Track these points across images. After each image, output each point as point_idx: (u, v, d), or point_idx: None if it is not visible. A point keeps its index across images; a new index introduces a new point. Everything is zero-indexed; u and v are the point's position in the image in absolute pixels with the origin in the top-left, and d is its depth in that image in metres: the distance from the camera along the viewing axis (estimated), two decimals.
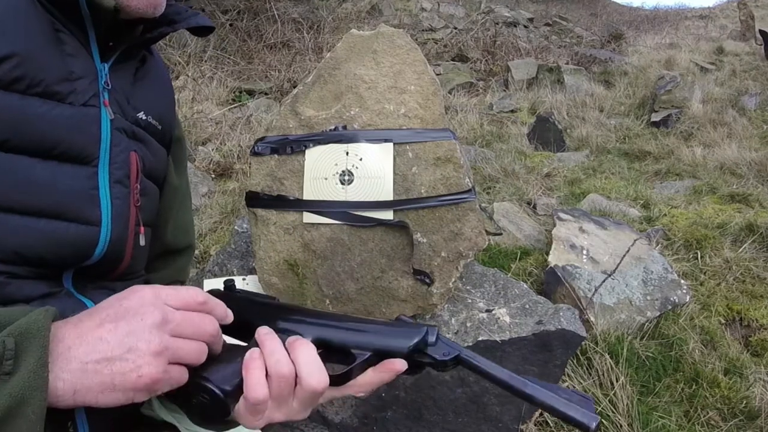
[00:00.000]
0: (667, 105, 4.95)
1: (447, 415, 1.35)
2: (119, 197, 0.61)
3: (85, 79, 0.59)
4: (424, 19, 8.74)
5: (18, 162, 0.52)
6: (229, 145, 3.67)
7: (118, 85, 0.63)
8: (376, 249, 1.23)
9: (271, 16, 6.34)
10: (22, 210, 0.53)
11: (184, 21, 0.67)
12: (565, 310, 1.39)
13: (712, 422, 1.66)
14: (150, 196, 0.69)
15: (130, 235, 0.63)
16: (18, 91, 0.52)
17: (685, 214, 2.94)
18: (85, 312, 0.46)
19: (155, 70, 0.73)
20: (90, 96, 0.59)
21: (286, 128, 1.25)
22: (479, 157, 3.87)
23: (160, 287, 0.47)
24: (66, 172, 0.56)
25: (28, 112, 0.53)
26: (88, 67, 0.59)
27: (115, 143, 0.61)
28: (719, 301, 2.21)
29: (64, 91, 0.56)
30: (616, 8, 14.61)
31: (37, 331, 0.39)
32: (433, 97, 1.23)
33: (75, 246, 0.57)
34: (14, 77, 0.52)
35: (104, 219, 0.59)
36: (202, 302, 0.49)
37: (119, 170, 0.61)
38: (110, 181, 0.60)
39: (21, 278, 0.53)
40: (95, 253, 0.58)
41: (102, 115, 0.60)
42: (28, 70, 0.53)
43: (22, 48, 0.53)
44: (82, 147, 0.57)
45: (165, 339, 0.44)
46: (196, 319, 0.48)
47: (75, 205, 0.56)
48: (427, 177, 1.20)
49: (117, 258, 0.62)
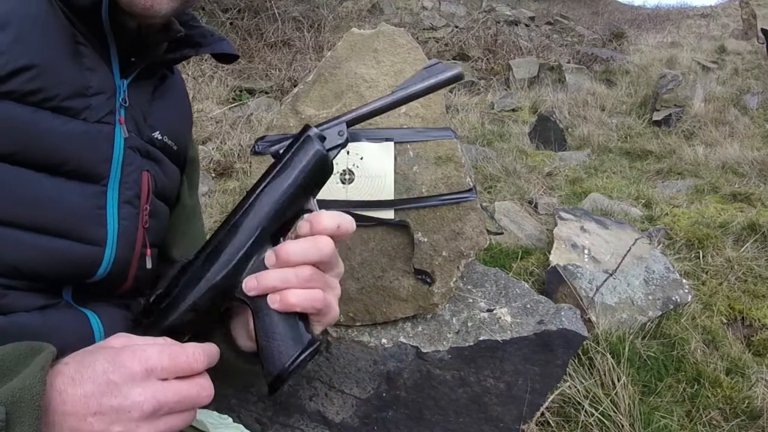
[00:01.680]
0: (668, 104, 4.93)
1: (448, 415, 1.35)
2: (127, 218, 0.59)
3: (102, 95, 0.57)
4: (425, 17, 8.72)
5: (24, 176, 0.51)
6: (230, 144, 3.67)
7: (136, 103, 0.62)
8: (377, 248, 1.22)
9: (272, 14, 6.33)
10: (24, 225, 0.51)
11: (209, 46, 0.66)
12: (566, 309, 1.39)
13: (713, 422, 1.65)
14: (160, 217, 0.67)
15: (135, 257, 0.61)
16: (32, 104, 0.51)
17: (686, 214, 2.93)
18: (71, 372, 0.43)
19: (174, 89, 0.72)
20: (106, 113, 0.57)
21: (287, 127, 1.25)
22: (480, 156, 3.87)
23: (153, 353, 0.43)
24: (73, 189, 0.55)
25: (40, 126, 0.52)
26: (106, 82, 0.58)
27: (128, 162, 0.59)
28: (721, 300, 2.20)
29: (79, 106, 0.55)
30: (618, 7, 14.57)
31: (30, 399, 0.38)
32: (434, 96, 1.22)
33: (76, 265, 0.55)
34: (30, 90, 0.50)
35: (110, 239, 0.57)
36: (199, 370, 0.46)
37: (129, 190, 0.60)
38: (119, 201, 0.59)
39: (19, 290, 0.52)
40: (97, 273, 0.57)
41: (116, 133, 0.58)
42: (45, 82, 0.52)
43: (41, 60, 0.51)
44: (92, 165, 0.56)
45: (153, 426, 0.42)
46: (192, 393, 0.45)
47: (80, 223, 0.55)
48: (428, 176, 1.19)
49: (120, 279, 0.61)
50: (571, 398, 1.61)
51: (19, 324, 0.51)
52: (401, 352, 1.28)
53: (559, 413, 1.61)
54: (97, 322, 0.57)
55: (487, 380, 1.34)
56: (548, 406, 1.54)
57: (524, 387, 1.37)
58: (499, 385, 1.35)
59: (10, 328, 0.51)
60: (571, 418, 1.59)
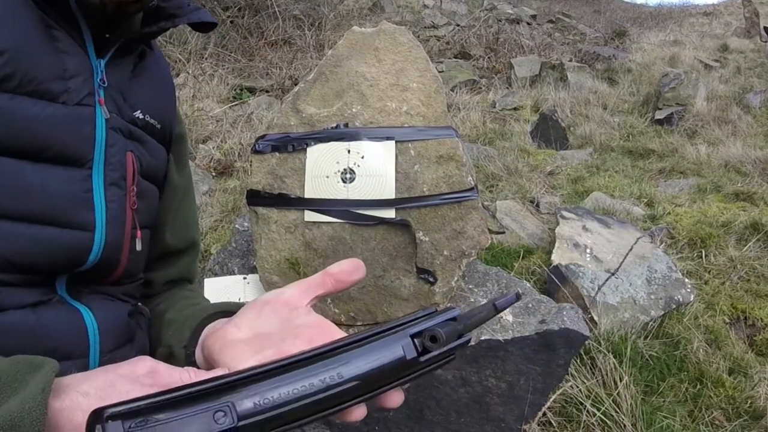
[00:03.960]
0: (671, 102, 4.92)
1: (449, 415, 1.34)
2: (114, 200, 0.58)
3: (79, 76, 0.56)
4: (427, 16, 8.71)
5: (7, 165, 0.50)
6: (230, 143, 3.67)
7: (115, 82, 0.60)
8: (378, 248, 1.21)
9: (273, 12, 6.32)
10: (12, 216, 0.50)
11: (185, 16, 0.64)
12: (568, 309, 1.38)
13: (716, 422, 1.65)
14: (148, 198, 0.66)
15: (126, 240, 0.60)
16: (7, 91, 0.50)
17: (689, 213, 2.92)
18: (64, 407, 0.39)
19: (154, 66, 0.70)
20: (84, 95, 0.56)
21: (288, 126, 1.24)
22: (482, 155, 3.86)
23: None
24: (58, 175, 0.53)
25: (19, 112, 0.51)
26: (82, 63, 0.57)
27: (111, 143, 0.58)
28: (724, 300, 2.19)
29: (57, 90, 0.54)
30: (620, 5, 14.54)
31: (30, 425, 0.36)
32: (436, 95, 1.22)
33: (68, 252, 0.54)
34: (4, 75, 0.49)
35: (98, 223, 0.56)
36: None
37: (115, 172, 0.59)
38: (105, 184, 0.57)
39: (12, 286, 0.51)
40: (89, 259, 0.56)
41: (97, 115, 0.57)
42: (19, 67, 0.50)
43: (12, 45, 0.50)
44: (75, 149, 0.55)
45: None
46: None
47: (67, 209, 0.54)
48: (429, 175, 1.18)
49: (112, 263, 0.59)
50: (573, 398, 1.61)
51: (12, 322, 0.51)
52: None
53: (561, 413, 1.60)
54: (91, 318, 0.57)
55: (488, 380, 1.33)
56: (550, 406, 1.54)
57: (526, 387, 1.36)
58: (501, 385, 1.34)
59: (2, 325, 0.50)
60: (573, 418, 1.59)
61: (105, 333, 0.57)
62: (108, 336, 0.58)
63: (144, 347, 0.64)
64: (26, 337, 0.51)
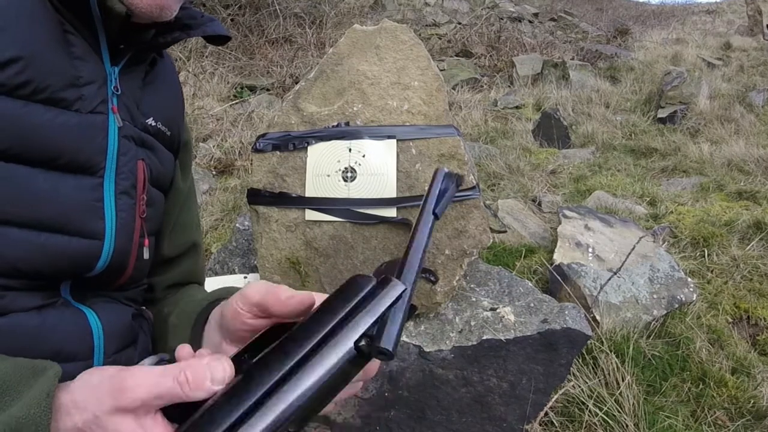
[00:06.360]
0: (673, 101, 4.90)
1: (451, 414, 1.34)
2: (124, 209, 0.58)
3: (93, 84, 0.56)
4: (428, 14, 8.68)
5: (19, 172, 0.50)
6: (231, 141, 3.66)
7: (128, 90, 0.60)
8: (380, 247, 1.21)
9: (273, 11, 6.31)
10: (22, 223, 0.50)
11: (199, 27, 0.64)
12: (570, 308, 1.37)
13: (719, 422, 1.64)
14: (156, 206, 0.66)
15: (134, 248, 0.60)
16: (22, 97, 0.49)
17: (692, 212, 2.90)
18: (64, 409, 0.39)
19: (164, 73, 0.70)
20: (98, 103, 0.56)
21: (288, 125, 1.23)
22: (483, 154, 3.85)
23: None
24: (69, 183, 0.53)
25: (32, 119, 0.50)
26: (97, 71, 0.56)
27: (123, 152, 0.58)
28: (726, 299, 2.18)
29: (71, 97, 0.53)
30: (622, 3, 14.48)
31: (35, 430, 0.36)
32: (437, 93, 1.21)
33: (76, 260, 0.54)
34: (19, 82, 0.49)
35: (108, 232, 0.56)
36: None
37: (125, 180, 0.58)
38: (116, 193, 0.57)
39: (17, 290, 0.51)
40: (97, 267, 0.56)
41: (110, 123, 0.57)
42: (34, 74, 0.50)
43: (29, 51, 0.50)
44: (87, 157, 0.54)
45: None
46: None
47: (78, 218, 0.54)
48: (430, 174, 1.18)
49: (119, 270, 0.60)
50: (575, 398, 1.60)
51: (17, 324, 0.51)
52: (403, 352, 1.27)
53: (563, 413, 1.59)
54: (96, 320, 0.57)
55: (490, 380, 1.33)
56: (552, 405, 1.53)
57: (528, 386, 1.36)
58: (503, 385, 1.34)
59: (7, 328, 0.50)
60: (575, 417, 1.58)
61: (109, 335, 0.57)
62: (112, 338, 0.58)
63: (146, 350, 0.65)
64: (31, 340, 0.51)
